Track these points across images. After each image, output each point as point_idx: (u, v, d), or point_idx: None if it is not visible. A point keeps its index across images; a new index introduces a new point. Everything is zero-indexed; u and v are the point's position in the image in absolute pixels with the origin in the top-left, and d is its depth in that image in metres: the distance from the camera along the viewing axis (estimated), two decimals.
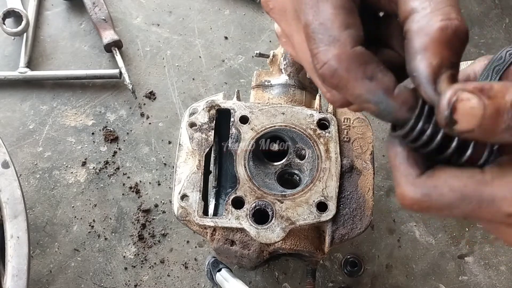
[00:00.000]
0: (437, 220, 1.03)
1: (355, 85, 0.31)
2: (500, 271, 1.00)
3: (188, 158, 0.71)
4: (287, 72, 0.80)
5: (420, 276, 0.98)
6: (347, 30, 0.32)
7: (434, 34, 0.29)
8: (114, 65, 1.15)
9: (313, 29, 0.32)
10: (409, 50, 0.31)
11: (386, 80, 0.31)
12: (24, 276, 0.70)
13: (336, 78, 0.31)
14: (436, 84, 0.30)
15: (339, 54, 0.31)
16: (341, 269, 0.98)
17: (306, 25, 0.33)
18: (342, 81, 0.31)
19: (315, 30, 0.32)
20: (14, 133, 1.08)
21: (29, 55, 1.15)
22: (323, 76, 0.32)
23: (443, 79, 0.30)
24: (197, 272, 0.97)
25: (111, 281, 0.96)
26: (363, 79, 0.31)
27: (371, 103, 0.32)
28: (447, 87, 0.29)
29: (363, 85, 0.31)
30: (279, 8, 0.39)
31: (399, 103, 0.31)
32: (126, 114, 1.12)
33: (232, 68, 1.18)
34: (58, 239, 0.99)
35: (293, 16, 0.36)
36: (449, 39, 0.30)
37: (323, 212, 0.67)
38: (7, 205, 0.74)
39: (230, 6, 1.26)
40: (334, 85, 0.32)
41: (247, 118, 0.72)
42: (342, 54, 0.31)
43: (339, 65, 0.31)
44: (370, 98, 0.31)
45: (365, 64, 0.31)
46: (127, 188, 1.04)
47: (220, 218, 0.67)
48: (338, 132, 0.72)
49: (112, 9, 1.23)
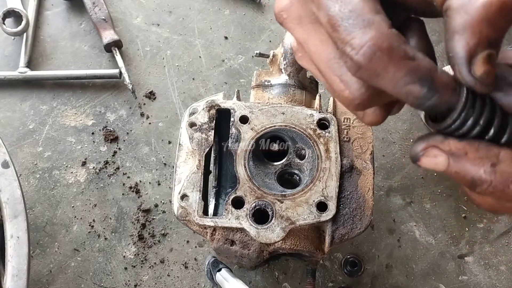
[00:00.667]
0: (437, 220, 1.03)
1: (397, 67, 0.29)
2: (500, 271, 1.00)
3: (188, 158, 0.71)
4: (287, 72, 0.80)
5: (420, 276, 0.98)
6: (379, 14, 0.31)
7: (476, 12, 0.28)
8: (114, 65, 1.15)
9: (343, 17, 0.31)
10: (448, 28, 0.30)
11: (428, 60, 0.30)
12: (24, 276, 0.70)
13: (376, 61, 0.29)
14: (471, 66, 0.29)
15: (378, 35, 0.29)
16: (341, 269, 0.98)
17: (332, 17, 0.31)
18: (382, 64, 0.29)
19: (344, 18, 0.31)
20: (14, 133, 1.08)
21: (29, 55, 1.15)
22: (359, 63, 0.30)
23: (479, 60, 0.29)
24: (197, 272, 0.97)
25: (111, 281, 0.96)
26: (405, 59, 0.29)
27: (415, 84, 0.29)
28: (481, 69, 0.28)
29: (405, 65, 0.29)
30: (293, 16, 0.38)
31: (443, 83, 0.30)
32: (126, 114, 1.12)
33: (232, 68, 1.18)
34: (58, 239, 0.99)
35: (309, 20, 0.36)
36: (493, 17, 0.28)
37: (323, 212, 0.67)
38: (7, 205, 0.74)
39: (230, 6, 1.26)
40: (371, 71, 0.30)
41: (247, 118, 0.72)
42: (381, 35, 0.29)
43: (379, 46, 0.29)
44: (414, 79, 0.29)
45: (404, 44, 0.30)
46: (127, 188, 1.04)
47: (220, 218, 0.67)
48: (338, 132, 0.72)
49: (112, 9, 1.23)
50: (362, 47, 0.29)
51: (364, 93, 0.33)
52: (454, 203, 1.05)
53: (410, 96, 0.30)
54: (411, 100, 0.30)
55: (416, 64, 0.29)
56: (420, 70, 0.29)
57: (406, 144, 1.10)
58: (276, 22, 1.16)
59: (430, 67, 0.30)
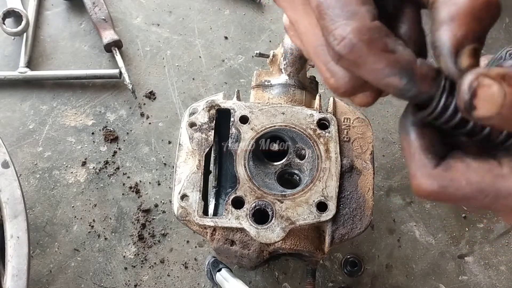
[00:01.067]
0: (437, 220, 1.03)
1: (377, 59, 0.30)
2: (500, 271, 1.00)
3: (188, 158, 0.71)
4: (287, 72, 0.80)
5: (420, 276, 0.98)
6: (364, 5, 0.31)
7: (463, 4, 0.29)
8: (114, 65, 1.15)
9: (329, 5, 0.31)
10: (435, 19, 0.30)
11: (407, 52, 0.30)
12: (24, 276, 0.70)
13: (356, 52, 0.30)
14: (457, 58, 0.29)
15: (359, 27, 0.30)
16: (341, 269, 0.98)
17: (320, 3, 0.32)
18: (362, 55, 0.30)
19: (330, 6, 0.31)
20: (14, 133, 1.08)
21: (29, 55, 1.15)
22: (340, 53, 0.30)
23: (465, 53, 0.29)
24: (197, 272, 0.97)
25: (111, 281, 0.96)
26: (385, 51, 0.30)
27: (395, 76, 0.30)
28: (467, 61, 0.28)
29: (385, 57, 0.30)
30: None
31: (423, 75, 0.30)
32: (126, 114, 1.12)
33: (232, 68, 1.18)
34: (58, 239, 0.99)
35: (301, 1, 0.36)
36: (479, 11, 0.29)
37: (323, 212, 0.67)
38: (7, 205, 0.74)
39: (230, 6, 1.26)
40: (352, 61, 0.30)
41: (247, 118, 0.72)
42: (363, 27, 0.30)
43: (359, 38, 0.30)
44: (393, 72, 0.30)
45: (385, 36, 0.30)
46: (127, 188, 1.04)
47: (220, 218, 0.67)
48: (338, 132, 0.72)
49: (112, 9, 1.23)
50: (344, 38, 0.30)
51: (348, 82, 0.34)
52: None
53: (390, 87, 0.31)
54: (392, 91, 0.31)
55: (395, 57, 0.30)
56: (400, 62, 0.30)
57: None
58: (276, 22, 1.16)
59: (410, 59, 0.30)
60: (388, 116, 1.14)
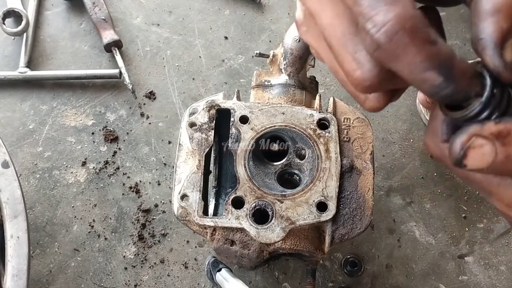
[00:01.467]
0: (437, 220, 1.03)
1: (418, 50, 0.27)
2: (500, 271, 1.00)
3: (188, 158, 0.71)
4: (287, 72, 0.80)
5: (420, 276, 0.98)
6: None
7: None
8: (114, 65, 1.15)
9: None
10: (478, 10, 0.28)
11: (448, 47, 0.28)
12: (24, 276, 0.70)
13: (396, 42, 0.27)
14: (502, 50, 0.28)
15: (403, 13, 0.27)
16: (341, 269, 0.98)
17: None
18: (403, 45, 0.27)
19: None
20: (14, 133, 1.08)
21: (29, 55, 1.15)
22: (379, 42, 0.28)
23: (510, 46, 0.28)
24: (197, 272, 0.97)
25: (111, 281, 0.96)
26: (427, 43, 0.27)
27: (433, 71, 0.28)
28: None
29: (427, 49, 0.27)
30: None
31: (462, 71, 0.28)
32: (126, 114, 1.12)
33: (232, 68, 1.18)
34: (58, 239, 0.99)
35: None
36: None
37: (323, 212, 0.67)
38: (7, 205, 0.74)
39: (230, 6, 1.26)
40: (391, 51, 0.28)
41: (247, 118, 0.72)
42: (406, 14, 0.27)
43: (403, 25, 0.27)
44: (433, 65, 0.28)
45: (427, 27, 0.28)
46: (127, 188, 1.04)
47: (220, 218, 0.67)
48: (338, 132, 0.72)
49: (112, 9, 1.23)
50: (385, 25, 0.28)
51: (376, 75, 0.32)
52: (454, 203, 1.05)
53: (426, 84, 0.28)
54: (427, 87, 0.29)
55: (437, 49, 0.28)
56: (440, 56, 0.28)
57: (406, 144, 1.10)
58: (276, 22, 1.17)
59: (451, 53, 0.28)
60: (388, 116, 1.14)
